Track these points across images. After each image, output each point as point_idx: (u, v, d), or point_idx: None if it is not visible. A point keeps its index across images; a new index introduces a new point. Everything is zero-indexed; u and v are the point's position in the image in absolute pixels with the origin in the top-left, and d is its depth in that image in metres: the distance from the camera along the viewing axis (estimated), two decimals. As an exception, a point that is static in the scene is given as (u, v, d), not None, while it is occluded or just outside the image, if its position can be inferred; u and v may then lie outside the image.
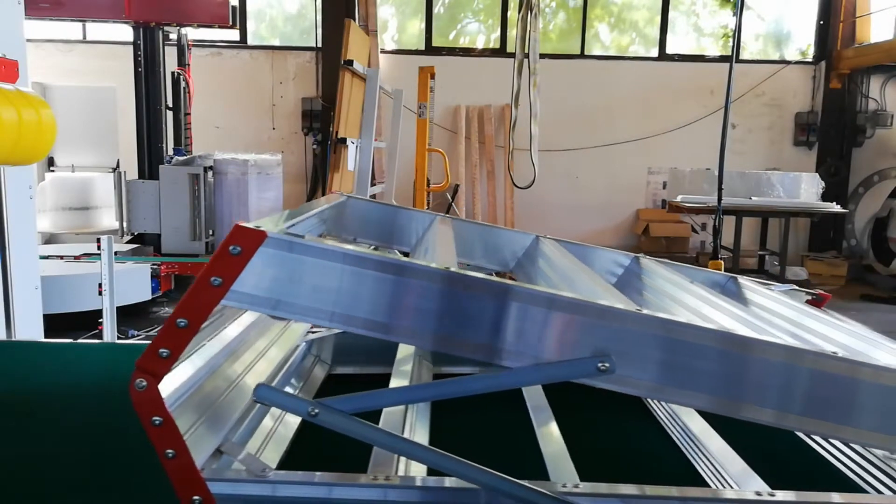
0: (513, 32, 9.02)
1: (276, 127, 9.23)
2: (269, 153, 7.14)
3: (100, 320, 4.11)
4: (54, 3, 6.52)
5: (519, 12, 6.11)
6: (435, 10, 9.30)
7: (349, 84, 6.02)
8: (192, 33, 7.62)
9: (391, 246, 1.90)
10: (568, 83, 9.13)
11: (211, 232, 6.48)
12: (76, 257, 5.94)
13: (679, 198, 7.75)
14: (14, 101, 2.29)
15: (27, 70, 2.94)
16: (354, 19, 8.23)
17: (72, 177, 7.39)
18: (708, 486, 1.12)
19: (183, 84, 7.37)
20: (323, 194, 6.81)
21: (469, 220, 1.96)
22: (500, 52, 9.31)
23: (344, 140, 5.93)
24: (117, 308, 4.18)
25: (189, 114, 7.54)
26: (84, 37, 8.98)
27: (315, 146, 8.91)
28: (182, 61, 7.42)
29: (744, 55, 9.50)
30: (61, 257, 5.97)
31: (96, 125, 7.49)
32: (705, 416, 1.39)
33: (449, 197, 8.59)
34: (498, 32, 9.46)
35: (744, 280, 1.75)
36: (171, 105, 7.26)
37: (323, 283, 0.95)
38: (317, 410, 0.99)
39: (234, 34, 8.87)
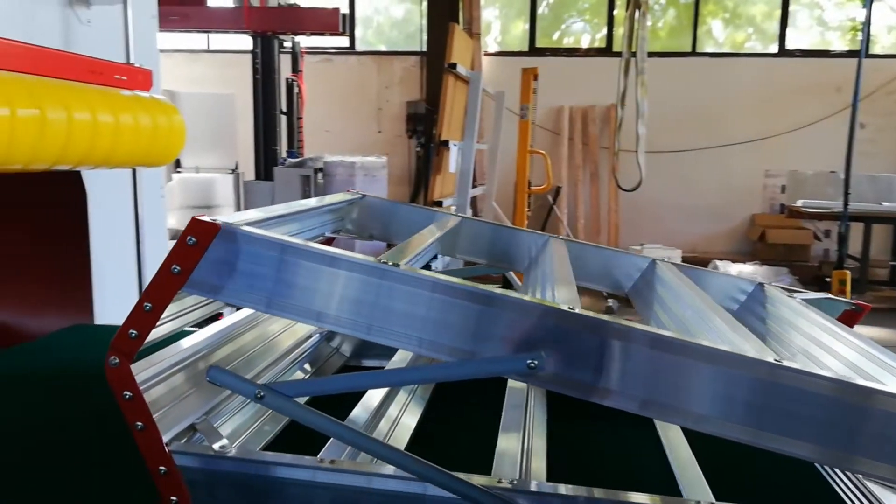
0: (619, 31, 8.85)
1: (382, 130, 9.47)
2: (374, 155, 7.33)
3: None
4: (183, 16, 6.98)
5: (626, 10, 5.97)
6: (539, 11, 9.24)
7: (452, 87, 6.07)
8: (304, 41, 7.96)
9: (395, 241, 1.87)
10: (678, 82, 8.80)
11: (319, 231, 6.72)
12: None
13: (800, 202, 7.29)
14: (149, 108, 2.43)
15: (160, 78, 3.13)
16: (458, 23, 8.31)
17: (196, 177, 7.89)
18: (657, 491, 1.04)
19: (296, 90, 7.70)
20: (425, 196, 6.91)
21: (494, 222, 1.90)
22: (606, 51, 9.11)
23: (446, 142, 5.98)
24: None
25: (301, 118, 7.87)
26: (208, 47, 9.57)
27: (418, 148, 9.06)
28: (295, 68, 7.76)
29: (874, 49, 8.81)
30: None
31: (217, 129, 7.96)
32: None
33: (550, 199, 8.50)
34: (604, 31, 9.26)
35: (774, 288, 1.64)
36: (285, 110, 7.61)
37: (265, 273, 0.98)
38: (262, 393, 1.03)
39: (343, 41, 9.19)
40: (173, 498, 1.03)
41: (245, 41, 7.50)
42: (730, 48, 9.19)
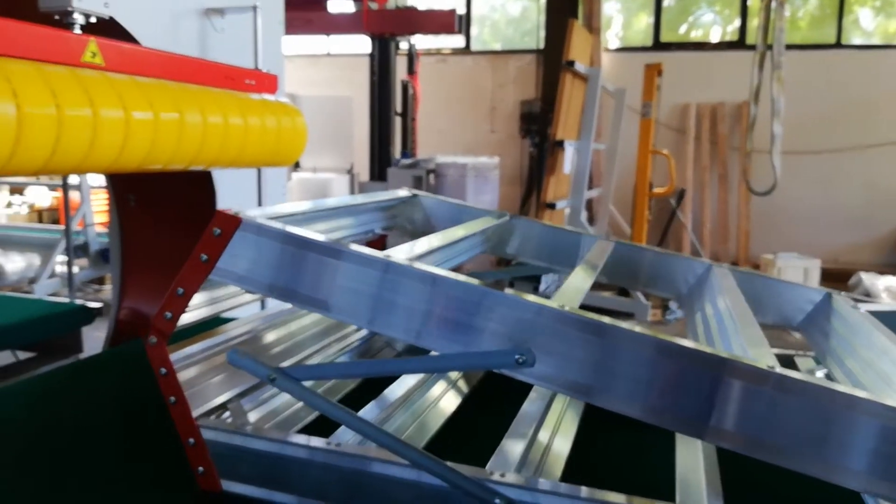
0: (754, 22, 8.26)
1: (495, 130, 9.36)
2: (486, 156, 7.25)
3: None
4: (305, 21, 7.20)
5: (762, 0, 5.55)
6: (665, 3, 8.79)
7: (570, 85, 5.87)
8: (420, 41, 8.00)
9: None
10: (819, 77, 8.09)
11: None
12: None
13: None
14: (275, 111, 2.57)
15: (284, 82, 3.21)
16: (577, 18, 8.06)
17: (313, 177, 8.13)
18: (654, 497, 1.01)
19: (410, 91, 7.75)
20: (538, 198, 6.74)
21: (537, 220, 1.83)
22: (738, 44, 8.52)
23: (561, 142, 5.79)
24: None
25: (415, 119, 7.92)
26: (328, 51, 9.86)
27: (532, 149, 8.88)
28: (411, 69, 7.82)
29: None
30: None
31: (335, 131, 8.17)
32: None
33: (673, 203, 8.04)
34: (736, 23, 8.67)
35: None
36: (399, 111, 7.69)
37: (280, 263, 1.06)
38: (275, 376, 1.09)
39: (459, 40, 9.17)
40: (200, 468, 1.13)
41: (363, 44, 7.64)
42: (880, 39, 8.34)
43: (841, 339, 1.45)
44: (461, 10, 7.66)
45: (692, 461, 1.23)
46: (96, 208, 6.09)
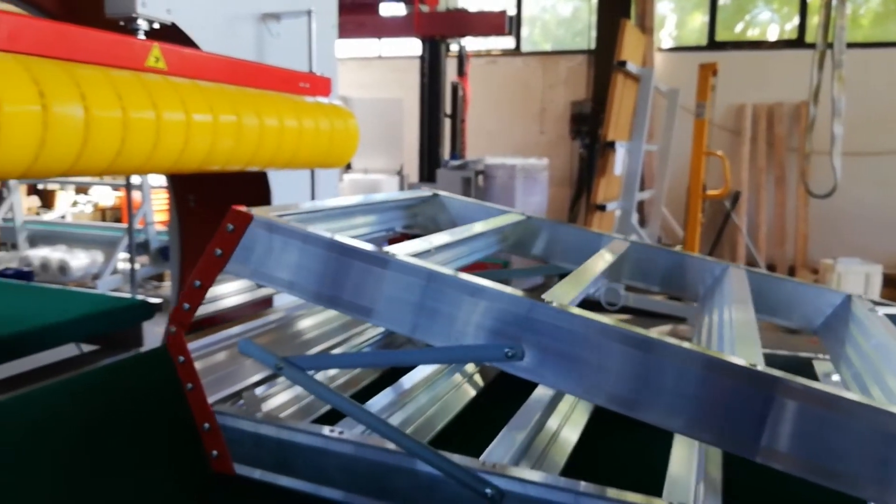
0: (814, 20, 8.00)
1: (545, 131, 9.31)
2: (535, 157, 7.21)
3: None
4: (357, 24, 7.31)
5: (823, -3, 5.39)
6: (720, 2, 8.59)
7: (621, 85, 5.80)
8: (469, 43, 8.02)
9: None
10: (882, 76, 7.78)
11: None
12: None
13: None
14: (328, 113, 2.62)
15: (337, 85, 3.27)
16: (630, 18, 7.95)
17: (364, 178, 8.23)
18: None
19: (460, 92, 7.78)
20: (587, 200, 6.68)
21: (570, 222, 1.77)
22: (797, 43, 8.27)
23: (612, 143, 5.73)
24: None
25: (464, 120, 7.94)
26: (379, 53, 9.97)
27: (582, 150, 8.79)
28: (461, 71, 7.84)
29: None
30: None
31: (385, 132, 8.26)
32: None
33: (727, 205, 7.85)
34: (795, 21, 8.42)
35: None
36: (449, 112, 7.72)
37: (288, 258, 1.10)
38: (281, 365, 1.14)
39: (509, 41, 9.15)
40: (214, 452, 1.19)
41: (414, 46, 7.70)
42: (950, 35, 7.97)
43: (853, 342, 1.43)
44: (511, 12, 7.65)
45: (697, 462, 1.21)
46: (156, 208, 6.30)
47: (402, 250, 1.25)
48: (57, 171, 1.57)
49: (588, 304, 1.20)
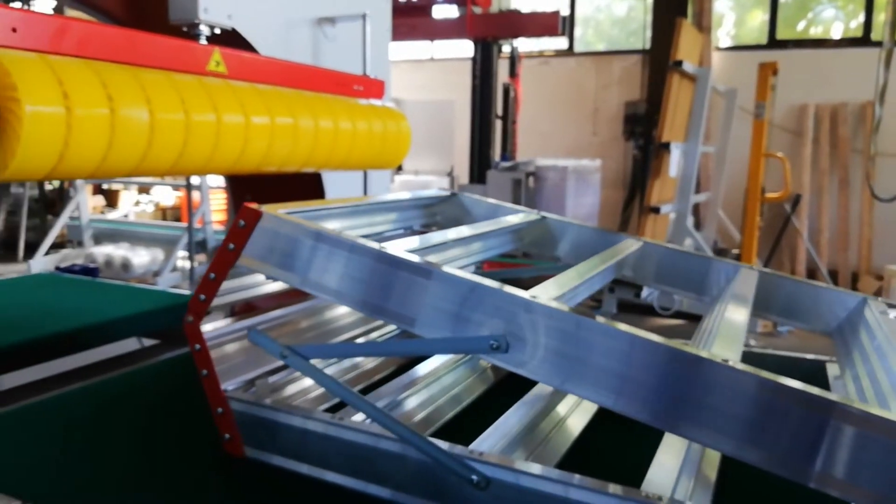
0: (880, 17, 7.68)
1: (598, 132, 9.19)
2: (588, 159, 7.13)
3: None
4: (410, 27, 7.35)
5: (892, -8, 5.17)
6: (781, 0, 8.33)
7: (677, 85, 5.69)
8: (522, 44, 7.97)
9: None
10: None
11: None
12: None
13: None
14: (381, 115, 2.65)
15: (390, 87, 3.31)
16: (686, 17, 7.79)
17: (415, 180, 8.28)
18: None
19: (511, 94, 7.75)
20: (641, 202, 6.57)
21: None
22: (863, 41, 7.95)
23: (667, 145, 5.62)
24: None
25: (515, 122, 7.91)
26: (431, 55, 10.02)
27: (636, 151, 8.65)
28: (512, 72, 7.81)
29: None
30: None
31: (437, 134, 8.30)
32: None
33: (787, 209, 7.61)
34: (860, 18, 8.10)
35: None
36: (500, 114, 7.70)
37: (297, 253, 1.15)
38: (287, 354, 1.19)
39: (562, 42, 9.07)
40: (227, 435, 1.24)
41: (466, 48, 7.70)
42: None
43: (859, 344, 1.42)
44: (565, 12, 7.57)
45: (699, 462, 1.20)
46: (215, 207, 6.48)
47: (406, 246, 1.31)
48: (123, 171, 1.63)
49: (640, 307, 1.20)
